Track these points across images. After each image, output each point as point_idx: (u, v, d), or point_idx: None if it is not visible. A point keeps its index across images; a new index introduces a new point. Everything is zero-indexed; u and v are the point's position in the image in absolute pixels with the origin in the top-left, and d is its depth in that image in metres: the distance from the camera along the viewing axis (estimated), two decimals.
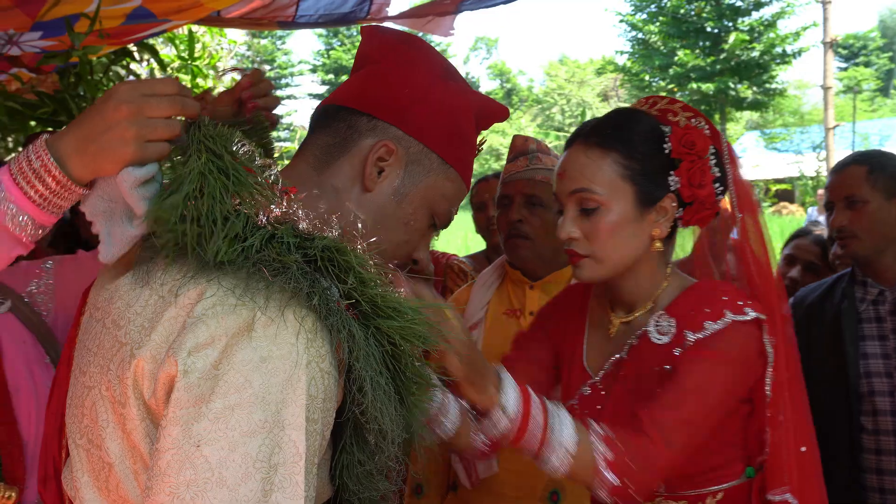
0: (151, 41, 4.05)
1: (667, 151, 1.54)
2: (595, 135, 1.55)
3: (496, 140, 40.37)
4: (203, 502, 0.87)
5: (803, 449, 1.54)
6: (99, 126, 1.01)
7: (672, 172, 1.54)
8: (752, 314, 1.48)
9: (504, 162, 2.44)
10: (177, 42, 4.56)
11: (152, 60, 4.15)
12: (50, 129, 3.13)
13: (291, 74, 46.62)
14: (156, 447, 0.91)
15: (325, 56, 46.26)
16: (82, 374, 1.07)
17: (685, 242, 1.67)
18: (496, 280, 2.41)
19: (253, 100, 1.24)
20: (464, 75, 1.30)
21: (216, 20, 3.85)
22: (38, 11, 3.07)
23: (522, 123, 42.15)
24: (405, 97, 1.18)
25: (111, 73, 3.89)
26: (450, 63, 1.26)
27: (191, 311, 0.94)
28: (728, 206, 1.61)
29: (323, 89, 46.98)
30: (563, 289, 1.87)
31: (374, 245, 1.06)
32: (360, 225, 1.10)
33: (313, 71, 47.31)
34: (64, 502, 1.15)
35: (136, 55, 4.02)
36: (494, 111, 1.30)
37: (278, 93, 1.61)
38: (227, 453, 0.88)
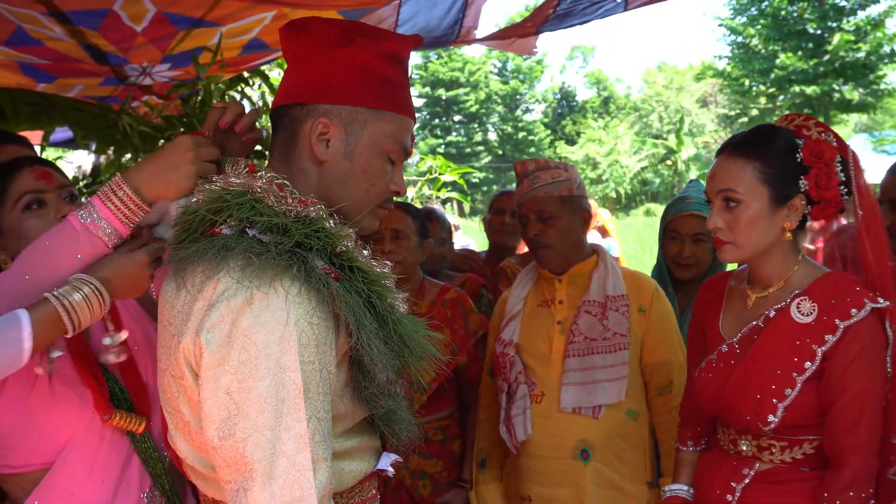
0: (263, 67, 4.46)
1: (799, 160, 1.91)
2: (740, 146, 1.95)
3: (592, 149, 40.16)
4: (235, 431, 1.24)
5: None
6: (165, 165, 1.52)
7: (803, 177, 1.90)
8: (882, 302, 1.85)
9: (599, 169, 2.81)
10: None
11: (263, 84, 4.56)
12: None
13: None
14: (199, 399, 1.28)
15: (423, 69, 46.98)
16: (160, 362, 1.46)
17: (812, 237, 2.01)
18: (531, 279, 2.82)
19: (244, 132, 1.62)
20: (560, 85, 1.55)
21: None
22: (168, 46, 3.50)
23: (619, 131, 41.81)
24: (318, 75, 1.45)
25: (227, 97, 4.30)
26: (346, 24, 1.48)
27: (209, 299, 1.30)
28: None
29: (420, 102, 47.63)
30: (706, 280, 2.30)
31: (350, 202, 1.44)
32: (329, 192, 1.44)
33: (411, 85, 48.06)
34: (175, 454, 1.54)
35: (249, 80, 4.42)
36: (405, 44, 1.53)
37: None
38: (246, 395, 1.24)
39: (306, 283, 1.29)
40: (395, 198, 1.59)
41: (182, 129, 3.63)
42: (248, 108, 4.52)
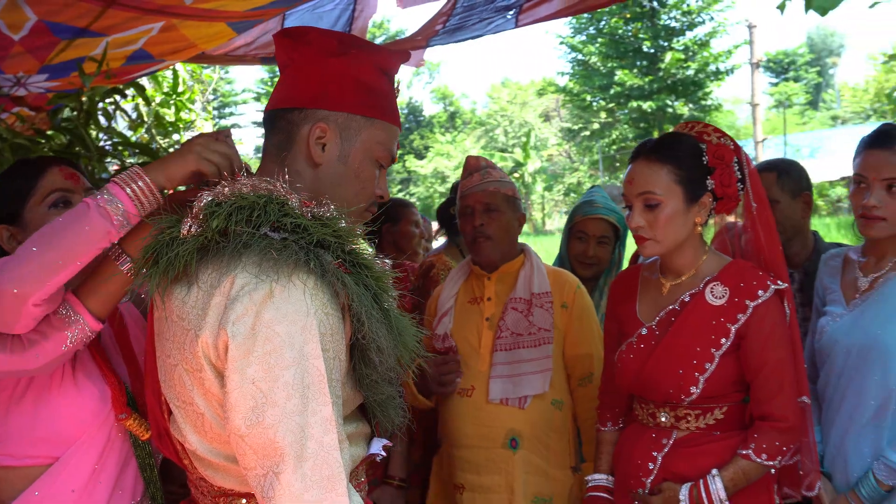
0: (139, 79, 4.33)
1: (705, 162, 2.15)
2: (655, 152, 2.14)
3: (441, 163, 40.68)
4: (264, 418, 1.29)
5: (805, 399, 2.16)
6: (176, 154, 1.57)
7: (709, 177, 2.15)
8: (781, 284, 2.12)
9: (448, 183, 2.94)
10: (159, 78, 4.84)
11: (138, 95, 4.42)
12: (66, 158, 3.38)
13: (235, 103, 46.46)
14: (225, 390, 1.33)
15: (269, 85, 46.22)
16: (168, 357, 1.48)
17: (708, 230, 2.26)
18: (462, 277, 2.95)
19: None
20: (407, 99, 1.68)
21: (202, 58, 4.16)
22: (47, 56, 3.36)
23: (467, 145, 42.59)
24: (316, 83, 1.55)
25: (100, 109, 4.15)
26: (343, 36, 1.59)
27: (228, 294, 1.35)
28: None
29: None
30: (618, 274, 2.54)
31: (341, 203, 1.50)
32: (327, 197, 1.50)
33: (257, 99, 47.19)
34: (175, 448, 1.57)
35: (125, 91, 4.28)
36: (395, 59, 1.66)
37: (222, 122, 2.03)
38: (273, 383, 1.30)
39: (320, 277, 1.36)
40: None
41: (67, 140, 3.48)
42: (120, 122, 4.39)
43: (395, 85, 1.66)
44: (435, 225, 4.57)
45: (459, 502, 2.74)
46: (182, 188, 1.63)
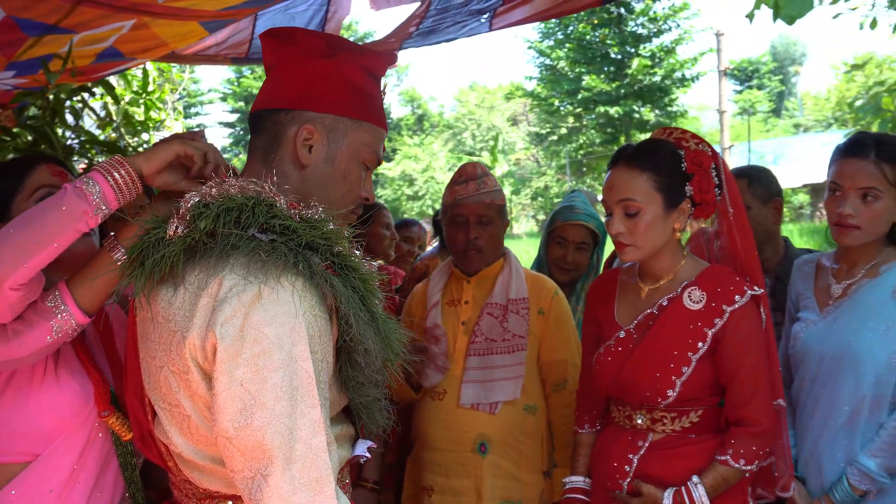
0: (109, 77, 4.27)
1: (684, 168, 2.16)
2: (634, 159, 2.15)
3: (409, 166, 40.62)
4: (252, 421, 1.29)
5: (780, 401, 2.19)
6: (161, 142, 1.56)
7: (688, 183, 2.16)
8: (758, 290, 2.15)
9: (416, 186, 2.93)
10: (128, 77, 4.78)
11: (106, 94, 4.36)
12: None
13: (201, 103, 45.95)
14: (213, 392, 1.32)
15: (236, 84, 45.88)
16: (153, 359, 1.46)
17: (683, 236, 2.28)
18: (444, 278, 2.95)
19: None
20: None
21: (172, 57, 4.12)
22: (14, 53, 3.31)
23: (435, 148, 42.59)
24: (304, 84, 1.55)
25: (67, 107, 4.09)
26: (330, 37, 1.59)
27: (216, 296, 1.34)
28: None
29: (233, 117, 46.38)
30: (597, 278, 2.56)
31: (327, 205, 1.49)
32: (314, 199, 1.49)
33: (223, 99, 46.77)
34: (160, 450, 1.55)
35: (93, 90, 4.22)
36: (382, 61, 1.66)
37: (188, 122, 2.05)
38: (262, 385, 1.29)
39: (308, 279, 1.35)
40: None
41: (32, 138, 3.42)
42: (88, 121, 4.33)
43: (382, 87, 1.66)
44: (428, 226, 4.61)
45: None
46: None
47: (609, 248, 2.51)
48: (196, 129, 1.70)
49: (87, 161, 3.73)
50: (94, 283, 1.61)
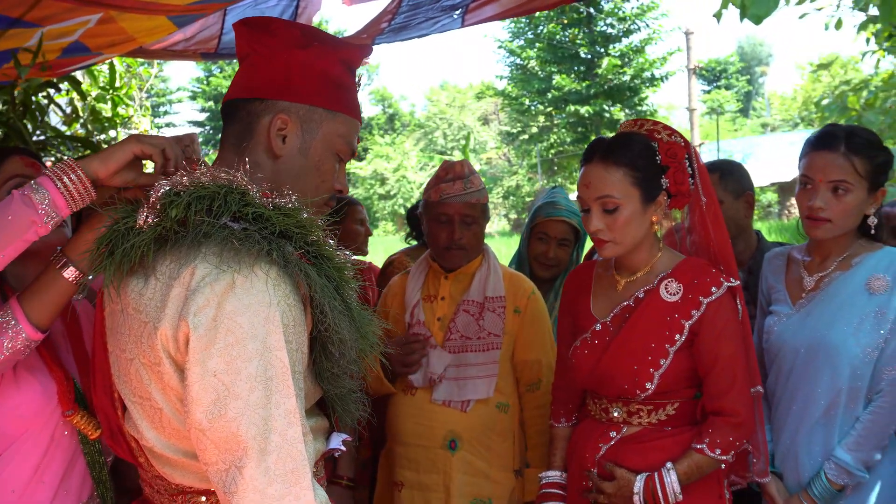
0: (75, 72, 4.21)
1: (658, 161, 2.15)
2: (609, 154, 2.13)
3: (380, 165, 40.52)
4: (227, 411, 1.27)
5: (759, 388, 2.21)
6: (117, 143, 1.54)
7: (663, 176, 2.15)
8: (734, 282, 2.16)
9: (388, 185, 2.91)
10: (95, 73, 4.71)
11: (73, 90, 4.30)
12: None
13: (170, 102, 45.48)
14: (185, 384, 1.30)
15: (205, 83, 45.46)
16: (122, 352, 1.43)
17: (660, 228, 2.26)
18: (422, 273, 2.93)
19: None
20: None
21: (141, 52, 4.07)
22: None
23: (406, 147, 42.54)
24: (279, 74, 1.53)
25: (33, 103, 4.03)
26: (306, 28, 1.58)
27: (188, 285, 1.32)
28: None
29: (203, 116, 45.91)
30: (572, 270, 2.55)
31: (300, 195, 1.47)
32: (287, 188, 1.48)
33: (193, 98, 46.32)
34: (130, 446, 1.52)
35: (59, 85, 4.16)
36: (358, 53, 1.65)
37: (157, 121, 2.03)
38: (235, 375, 1.28)
39: (282, 268, 1.34)
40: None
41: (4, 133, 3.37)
42: (54, 117, 4.26)
43: (357, 79, 1.64)
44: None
45: (398, 499, 2.75)
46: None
47: (589, 244, 2.50)
48: (188, 133, 1.67)
49: (54, 158, 3.68)
50: (43, 298, 1.59)
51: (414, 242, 4.33)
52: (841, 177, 2.27)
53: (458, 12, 3.40)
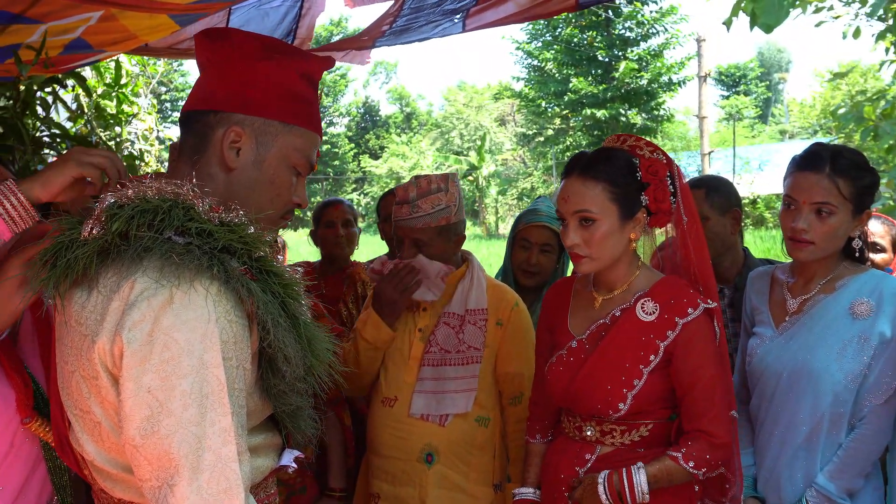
0: (80, 69, 4.23)
1: (639, 178, 2.12)
2: (589, 169, 2.11)
3: (396, 163, 40.62)
4: (160, 428, 1.25)
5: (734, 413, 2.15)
6: (51, 167, 1.55)
7: (643, 193, 2.12)
8: (711, 304, 2.12)
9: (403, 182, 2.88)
10: (101, 69, 4.74)
11: (78, 86, 4.32)
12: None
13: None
14: (119, 399, 1.28)
15: None
16: (65, 364, 1.43)
17: (640, 245, 2.25)
18: None
19: None
20: (363, 99, 1.65)
21: (146, 50, 4.07)
22: None
23: (423, 147, 42.60)
24: (235, 86, 1.52)
25: (38, 99, 4.05)
26: (267, 40, 1.56)
27: (127, 299, 1.31)
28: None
29: None
30: (553, 284, 2.51)
31: (254, 209, 1.47)
32: (237, 201, 1.46)
33: None
34: (77, 458, 1.51)
35: (65, 82, 4.18)
36: (319, 65, 1.64)
37: (175, 115, 2.01)
38: (169, 392, 1.26)
39: (224, 283, 1.32)
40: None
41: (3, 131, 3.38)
42: (61, 111, 4.27)
43: (317, 92, 1.63)
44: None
45: None
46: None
47: None
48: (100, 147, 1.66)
49: (56, 154, 3.69)
50: None
51: None
52: (825, 199, 2.23)
53: (458, 17, 3.39)
